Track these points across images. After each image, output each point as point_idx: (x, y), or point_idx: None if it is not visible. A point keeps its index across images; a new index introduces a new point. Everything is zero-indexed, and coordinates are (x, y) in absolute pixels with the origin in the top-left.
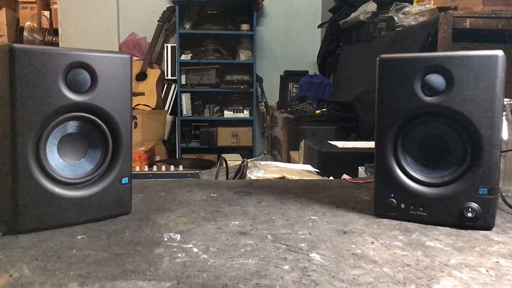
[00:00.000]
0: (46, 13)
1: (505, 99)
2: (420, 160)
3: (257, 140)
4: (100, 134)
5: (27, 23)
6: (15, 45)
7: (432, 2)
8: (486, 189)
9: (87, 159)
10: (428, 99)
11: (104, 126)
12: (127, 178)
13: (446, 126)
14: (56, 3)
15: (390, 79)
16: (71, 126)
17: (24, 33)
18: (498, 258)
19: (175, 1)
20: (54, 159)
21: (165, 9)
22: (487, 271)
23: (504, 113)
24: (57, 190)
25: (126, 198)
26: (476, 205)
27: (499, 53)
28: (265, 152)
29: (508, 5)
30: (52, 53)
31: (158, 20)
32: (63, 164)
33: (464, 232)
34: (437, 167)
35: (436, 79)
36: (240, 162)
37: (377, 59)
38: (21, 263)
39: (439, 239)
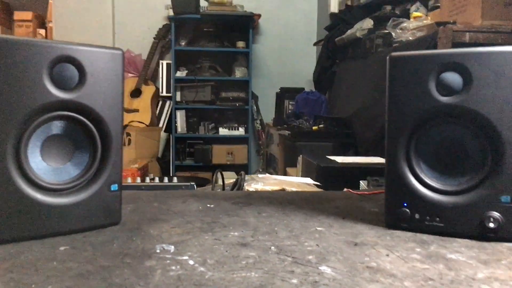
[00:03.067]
0: (42, 31)
1: None
2: (436, 166)
3: (252, 158)
4: (88, 136)
5: None
6: None
7: (429, 18)
8: (509, 196)
9: (73, 163)
10: (444, 99)
11: (92, 127)
12: (116, 185)
13: (463, 128)
14: (51, 21)
15: (402, 78)
16: (56, 127)
17: None
18: None
19: (171, 18)
20: (37, 162)
21: (160, 27)
22: None
23: None
24: (39, 196)
25: (115, 206)
26: (499, 214)
27: None
28: (261, 170)
29: (508, 19)
30: (36, 45)
31: (153, 37)
32: (47, 168)
33: (486, 244)
34: (454, 173)
35: (453, 78)
36: (236, 177)
37: (387, 57)
38: None
39: (460, 252)
